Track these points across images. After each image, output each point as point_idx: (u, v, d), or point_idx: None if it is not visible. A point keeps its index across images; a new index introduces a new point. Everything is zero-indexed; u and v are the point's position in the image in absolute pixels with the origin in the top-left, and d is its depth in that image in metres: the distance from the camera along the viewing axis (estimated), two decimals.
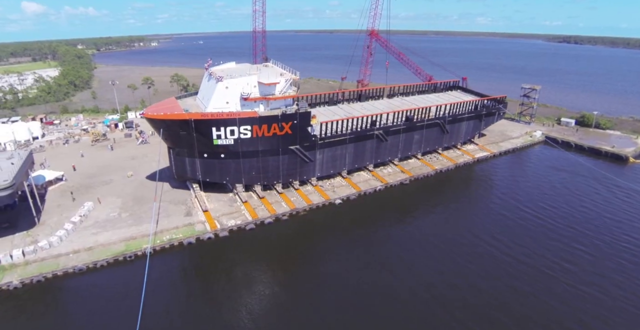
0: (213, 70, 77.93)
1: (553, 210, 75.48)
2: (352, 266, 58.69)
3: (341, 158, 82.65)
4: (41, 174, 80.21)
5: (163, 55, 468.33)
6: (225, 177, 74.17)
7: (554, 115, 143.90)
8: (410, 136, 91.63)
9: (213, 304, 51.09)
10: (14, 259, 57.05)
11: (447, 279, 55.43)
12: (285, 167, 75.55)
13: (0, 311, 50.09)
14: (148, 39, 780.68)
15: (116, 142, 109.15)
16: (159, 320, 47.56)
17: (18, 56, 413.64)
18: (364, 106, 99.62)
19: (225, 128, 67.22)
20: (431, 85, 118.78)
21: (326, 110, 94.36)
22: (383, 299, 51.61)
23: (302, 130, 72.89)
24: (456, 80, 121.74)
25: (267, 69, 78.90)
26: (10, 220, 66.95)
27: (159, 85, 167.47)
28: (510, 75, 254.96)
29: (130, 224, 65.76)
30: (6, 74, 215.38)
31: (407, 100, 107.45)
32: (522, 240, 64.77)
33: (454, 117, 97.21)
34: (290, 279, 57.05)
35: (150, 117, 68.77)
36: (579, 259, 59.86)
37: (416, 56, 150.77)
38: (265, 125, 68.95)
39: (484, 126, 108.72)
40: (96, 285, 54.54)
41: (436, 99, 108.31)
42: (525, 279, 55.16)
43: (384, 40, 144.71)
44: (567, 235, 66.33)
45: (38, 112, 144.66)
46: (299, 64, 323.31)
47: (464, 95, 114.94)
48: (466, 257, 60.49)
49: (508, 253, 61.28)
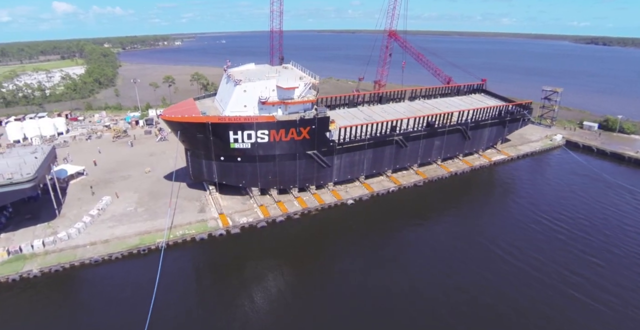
0: (232, 72, 77.71)
1: (569, 217, 73.23)
2: (362, 267, 58.68)
3: (359, 163, 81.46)
4: (63, 168, 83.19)
5: (185, 54, 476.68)
6: (242, 181, 74.18)
7: (576, 119, 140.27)
8: (430, 142, 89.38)
9: (222, 299, 52.10)
10: (34, 249, 59.61)
11: (456, 283, 55.06)
12: (302, 171, 74.88)
13: (20, 298, 52.38)
14: (172, 38, 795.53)
15: (136, 139, 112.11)
16: (169, 313, 48.81)
17: (47, 54, 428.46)
18: (384, 109, 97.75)
19: (242, 132, 67.13)
20: (454, 88, 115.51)
21: (346, 112, 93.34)
22: (392, 299, 51.62)
23: (320, 135, 71.98)
24: (480, 83, 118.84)
25: (286, 72, 78.48)
26: (33, 211, 70.05)
27: (179, 83, 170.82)
28: (532, 77, 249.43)
29: (145, 219, 67.63)
30: (35, 72, 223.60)
31: (428, 104, 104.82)
32: (537, 248, 63.00)
33: (476, 123, 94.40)
34: (299, 278, 57.60)
35: (167, 119, 69.40)
36: (592, 270, 57.59)
37: (435, 57, 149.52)
38: (283, 130, 68.37)
39: (507, 132, 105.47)
40: (111, 277, 56.40)
41: (459, 103, 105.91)
42: (537, 289, 54.12)
43: (402, 40, 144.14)
44: (582, 245, 64.15)
45: (64, 108, 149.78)
46: (318, 64, 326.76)
47: (488, 99, 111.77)
48: (477, 262, 59.80)
49: (520, 260, 60.25)
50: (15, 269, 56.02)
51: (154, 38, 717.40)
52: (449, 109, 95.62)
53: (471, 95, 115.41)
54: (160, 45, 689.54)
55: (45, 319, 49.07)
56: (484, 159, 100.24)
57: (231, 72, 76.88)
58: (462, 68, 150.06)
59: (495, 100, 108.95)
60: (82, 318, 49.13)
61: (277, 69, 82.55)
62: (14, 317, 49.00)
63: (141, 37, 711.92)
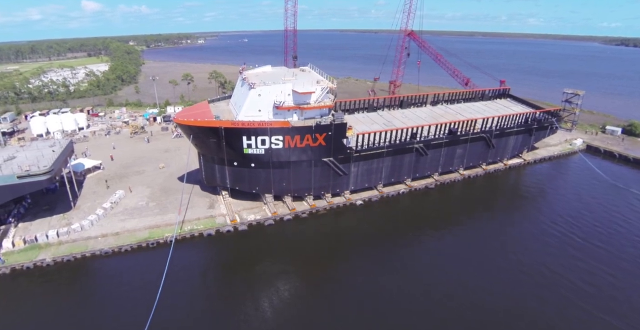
0: (247, 74, 76.48)
1: (583, 225, 71.08)
2: (370, 269, 58.49)
3: (377, 172, 78.90)
4: (81, 162, 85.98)
5: (207, 53, 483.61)
6: (255, 187, 72.64)
7: (598, 123, 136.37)
8: (452, 150, 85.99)
9: (224, 294, 53.17)
10: (49, 239, 61.91)
11: (461, 287, 54.44)
12: (317, 179, 73.05)
13: (33, 285, 54.72)
14: (195, 37, 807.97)
15: (153, 135, 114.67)
16: (175, 304, 49.92)
17: (75, 51, 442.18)
18: (404, 114, 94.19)
19: (256, 137, 65.61)
20: (478, 93, 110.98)
21: (364, 117, 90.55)
22: (395, 302, 51.48)
23: (337, 142, 69.76)
24: (506, 87, 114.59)
25: (303, 75, 76.93)
26: (50, 203, 72.73)
27: (198, 81, 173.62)
28: (554, 79, 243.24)
29: (155, 213, 69.27)
30: (61, 68, 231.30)
31: (451, 109, 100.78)
32: (547, 258, 61.54)
33: (501, 130, 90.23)
34: (304, 277, 57.71)
35: (180, 123, 68.33)
36: (602, 281, 55.95)
37: (454, 57, 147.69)
38: (298, 136, 66.53)
39: (534, 141, 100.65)
40: (119, 268, 58.16)
41: (483, 109, 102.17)
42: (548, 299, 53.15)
43: (421, 40, 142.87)
44: (595, 256, 61.82)
45: (87, 104, 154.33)
46: (338, 64, 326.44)
47: (514, 104, 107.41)
48: (486, 267, 58.90)
49: (529, 268, 59.17)
50: (30, 257, 58.41)
51: (178, 36, 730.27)
52: (472, 115, 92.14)
53: (496, 100, 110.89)
54: (183, 43, 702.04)
55: (54, 305, 51.13)
56: (498, 163, 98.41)
57: (246, 75, 75.43)
58: (480, 69, 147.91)
59: (522, 106, 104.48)
60: (89, 306, 50.79)
61: (293, 71, 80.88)
62: (25, 302, 51.23)
63: (165, 35, 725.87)
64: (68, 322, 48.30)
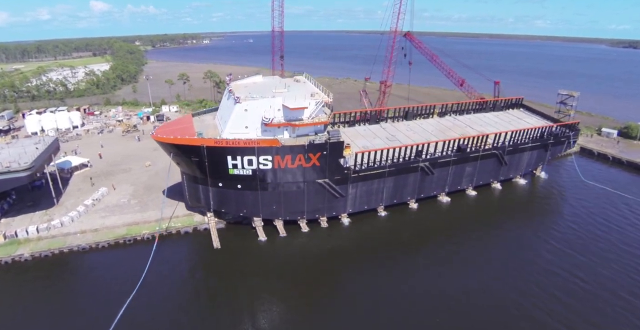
0: (234, 86, 70.42)
1: (565, 232, 69.56)
2: (356, 274, 58.37)
3: (378, 193, 72.38)
4: (68, 159, 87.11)
5: (211, 53, 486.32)
6: (242, 210, 66.84)
7: (595, 125, 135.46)
8: (461, 168, 78.97)
9: (196, 289, 53.69)
10: (29, 235, 63.00)
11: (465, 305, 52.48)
12: (311, 202, 66.73)
13: (11, 279, 55.86)
14: (201, 37, 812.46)
15: (144, 134, 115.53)
16: (149, 300, 50.62)
17: (80, 51, 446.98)
18: (410, 127, 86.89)
19: (242, 157, 60.11)
20: (489, 103, 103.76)
21: (366, 130, 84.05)
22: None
23: (333, 162, 63.66)
24: (519, 97, 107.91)
25: (296, 86, 70.94)
26: (35, 199, 73.89)
27: (195, 81, 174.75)
28: (555, 80, 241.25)
29: (136, 211, 70.01)
30: (61, 68, 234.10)
31: (460, 121, 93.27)
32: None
33: (515, 146, 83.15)
34: (282, 277, 57.53)
35: (159, 140, 62.78)
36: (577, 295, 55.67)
37: (450, 58, 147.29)
38: (289, 156, 60.75)
39: (549, 157, 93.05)
40: (95, 264, 59.36)
41: (494, 120, 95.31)
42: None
43: (417, 41, 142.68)
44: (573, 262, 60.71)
45: (85, 103, 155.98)
46: (339, 64, 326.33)
47: (528, 115, 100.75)
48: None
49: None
50: (9, 252, 59.43)
51: (183, 36, 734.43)
52: (483, 128, 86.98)
53: (508, 110, 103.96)
54: (189, 43, 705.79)
55: (29, 299, 51.95)
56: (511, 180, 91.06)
57: (233, 86, 69.64)
58: (474, 70, 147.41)
59: (536, 118, 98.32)
60: (62, 300, 52.00)
61: (286, 82, 73.87)
62: (3, 296, 52.65)
63: (171, 35, 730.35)
64: (39, 314, 49.12)
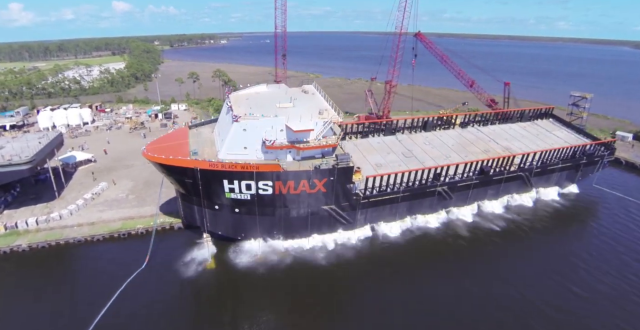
0: (234, 97, 65.76)
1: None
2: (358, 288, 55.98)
3: (389, 217, 67.41)
4: (73, 154, 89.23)
5: (226, 52, 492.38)
6: (240, 233, 62.53)
7: (610, 128, 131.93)
8: (482, 192, 72.97)
9: (184, 282, 54.17)
10: (28, 226, 64.81)
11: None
12: (315, 227, 62.16)
13: (7, 268, 57.93)
14: (218, 37, 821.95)
15: (151, 131, 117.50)
16: (138, 291, 51.40)
17: (100, 50, 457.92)
18: (428, 139, 79.52)
19: (239, 181, 55.60)
20: (516, 113, 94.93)
21: (380, 143, 76.12)
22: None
23: (340, 188, 58.80)
24: (549, 107, 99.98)
25: (304, 99, 65.61)
26: (38, 192, 75.76)
27: (206, 80, 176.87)
28: (573, 82, 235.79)
29: (133, 206, 71.20)
30: (77, 66, 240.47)
31: (483, 133, 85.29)
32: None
33: (543, 167, 76.69)
34: (266, 277, 56.67)
35: (150, 159, 58.76)
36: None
37: (461, 59, 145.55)
38: (292, 182, 55.92)
39: (580, 178, 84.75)
40: (89, 256, 60.73)
41: (521, 133, 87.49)
42: None
43: (428, 41, 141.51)
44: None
45: (98, 100, 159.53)
46: (352, 65, 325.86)
47: (557, 128, 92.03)
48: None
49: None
50: (8, 243, 61.26)
51: (201, 36, 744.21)
52: (509, 143, 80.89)
53: (536, 121, 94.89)
54: (206, 43, 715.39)
55: (23, 286, 53.97)
56: None
57: (233, 99, 64.54)
58: (485, 71, 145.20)
59: (566, 131, 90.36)
60: (54, 289, 53.17)
61: (292, 94, 67.89)
62: (3, 280, 55.24)
63: (189, 35, 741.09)
64: (31, 301, 50.88)
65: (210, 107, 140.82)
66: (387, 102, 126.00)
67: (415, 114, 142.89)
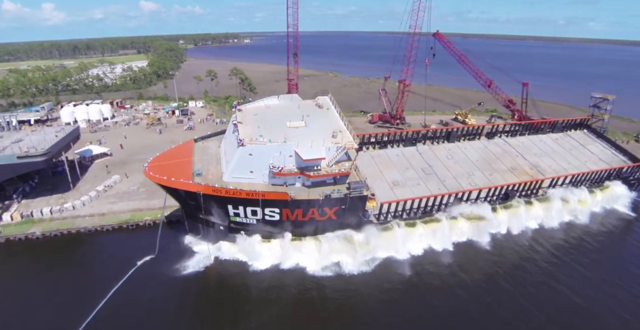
0: (242, 114, 62.47)
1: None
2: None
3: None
4: (90, 148, 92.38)
5: (249, 51, 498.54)
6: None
7: (634, 131, 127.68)
8: None
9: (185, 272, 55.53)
10: (43, 215, 67.66)
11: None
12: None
13: (21, 253, 61.29)
14: (242, 36, 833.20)
15: (167, 127, 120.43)
16: (142, 282, 52.84)
17: (126, 48, 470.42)
18: (451, 151, 74.25)
19: (244, 207, 53.72)
20: (548, 123, 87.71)
21: (399, 156, 71.47)
22: None
23: (353, 216, 55.97)
24: (585, 117, 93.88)
25: (317, 116, 62.41)
26: (55, 184, 78.77)
27: (223, 78, 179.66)
28: (598, 84, 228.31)
29: (142, 198, 73.28)
30: (100, 64, 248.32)
31: (511, 145, 78.95)
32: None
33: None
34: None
35: (151, 179, 57.04)
36: None
37: (480, 60, 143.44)
38: (300, 210, 53.52)
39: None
40: (99, 244, 63.53)
41: (552, 146, 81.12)
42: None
43: (446, 41, 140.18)
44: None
45: (119, 97, 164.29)
46: (373, 64, 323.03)
47: (592, 141, 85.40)
48: None
49: None
50: (23, 230, 64.34)
51: (225, 36, 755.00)
52: (537, 159, 75.28)
53: (570, 132, 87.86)
54: (230, 42, 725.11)
55: (34, 270, 57.08)
56: None
57: (240, 116, 61.42)
58: (504, 71, 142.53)
59: (601, 144, 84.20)
60: (63, 275, 55.79)
61: (305, 108, 65.04)
62: (13, 266, 58.41)
63: (213, 34, 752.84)
64: (41, 283, 53.64)
65: (227, 105, 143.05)
66: (401, 101, 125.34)
67: (429, 114, 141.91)
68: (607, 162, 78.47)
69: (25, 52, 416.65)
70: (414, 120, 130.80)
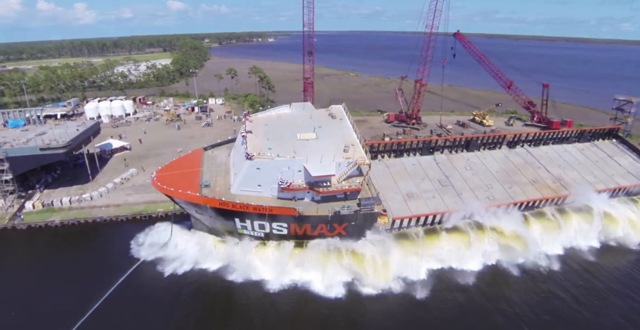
0: (251, 125, 61.46)
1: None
2: None
3: None
4: (110, 142, 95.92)
5: (272, 50, 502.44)
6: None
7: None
8: None
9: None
10: (62, 205, 71.15)
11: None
12: None
13: (41, 239, 65.10)
14: (266, 35, 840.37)
15: (186, 123, 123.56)
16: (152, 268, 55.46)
17: (153, 47, 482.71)
18: (469, 162, 70.55)
19: (252, 221, 53.29)
20: (574, 133, 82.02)
21: (415, 165, 68.33)
22: None
23: (363, 232, 54.25)
24: (615, 126, 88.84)
25: (329, 127, 61.01)
26: (75, 175, 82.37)
27: (243, 76, 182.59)
28: (627, 85, 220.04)
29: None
30: (126, 61, 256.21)
31: (534, 156, 74.27)
32: None
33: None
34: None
35: (159, 190, 57.12)
36: None
37: (499, 60, 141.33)
38: (308, 225, 52.60)
39: None
40: (113, 234, 66.59)
41: (577, 158, 75.98)
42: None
43: (467, 41, 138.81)
44: None
45: (143, 93, 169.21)
46: (394, 64, 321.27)
47: (621, 152, 79.26)
48: None
49: None
50: (44, 218, 67.93)
51: (249, 34, 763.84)
52: (561, 172, 70.81)
53: (597, 142, 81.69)
54: (254, 41, 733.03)
55: (54, 255, 60.80)
56: None
57: (250, 126, 60.74)
58: (524, 72, 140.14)
59: (631, 157, 77.74)
60: (79, 260, 59.24)
61: (318, 117, 64.37)
62: (35, 250, 62.31)
63: (238, 33, 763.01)
64: (57, 267, 57.24)
65: (246, 102, 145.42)
66: (417, 101, 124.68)
67: (447, 114, 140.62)
68: (637, 176, 72.13)
69: (57, 50, 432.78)
70: (430, 120, 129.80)
